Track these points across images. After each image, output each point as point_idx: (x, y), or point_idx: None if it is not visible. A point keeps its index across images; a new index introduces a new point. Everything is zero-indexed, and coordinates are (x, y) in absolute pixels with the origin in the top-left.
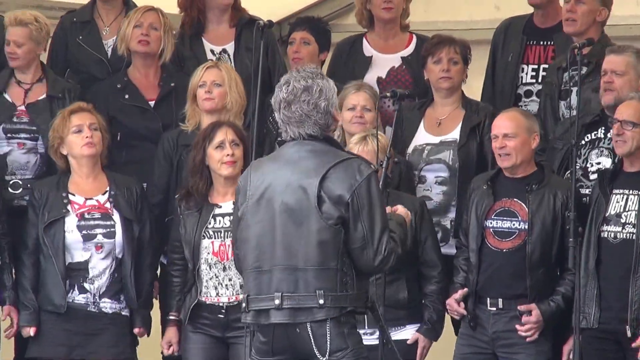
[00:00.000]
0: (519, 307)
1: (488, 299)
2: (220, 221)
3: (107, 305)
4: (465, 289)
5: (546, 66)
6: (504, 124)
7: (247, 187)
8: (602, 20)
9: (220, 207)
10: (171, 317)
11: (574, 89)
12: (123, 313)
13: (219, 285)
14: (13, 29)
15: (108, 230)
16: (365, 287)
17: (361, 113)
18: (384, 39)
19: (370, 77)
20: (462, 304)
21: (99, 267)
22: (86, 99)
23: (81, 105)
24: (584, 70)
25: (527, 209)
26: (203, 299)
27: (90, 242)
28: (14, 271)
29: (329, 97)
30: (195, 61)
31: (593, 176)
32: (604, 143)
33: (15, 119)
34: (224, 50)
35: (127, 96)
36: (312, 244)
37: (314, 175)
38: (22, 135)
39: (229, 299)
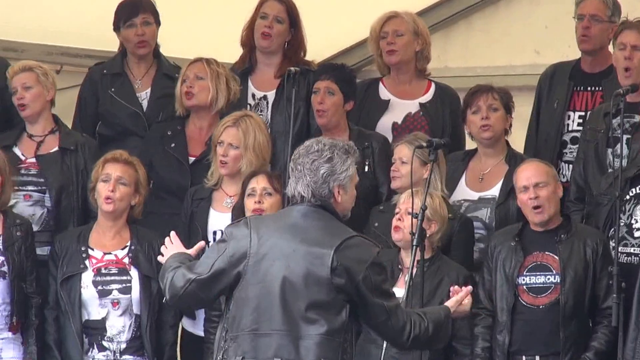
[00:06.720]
0: None
1: (524, 356)
2: None
3: None
4: None
5: None
6: (532, 173)
7: (247, 245)
8: None
9: None
10: None
11: (624, 137)
12: None
13: None
14: (18, 76)
15: (124, 285)
16: None
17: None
18: (401, 84)
19: (386, 121)
20: None
21: (117, 325)
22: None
23: (115, 155)
24: (637, 118)
25: (559, 261)
26: None
27: (106, 298)
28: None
29: (336, 171)
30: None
31: (638, 233)
32: None
33: (22, 171)
34: (264, 97)
35: (173, 145)
36: (319, 315)
37: (327, 246)
38: (30, 187)
39: None
